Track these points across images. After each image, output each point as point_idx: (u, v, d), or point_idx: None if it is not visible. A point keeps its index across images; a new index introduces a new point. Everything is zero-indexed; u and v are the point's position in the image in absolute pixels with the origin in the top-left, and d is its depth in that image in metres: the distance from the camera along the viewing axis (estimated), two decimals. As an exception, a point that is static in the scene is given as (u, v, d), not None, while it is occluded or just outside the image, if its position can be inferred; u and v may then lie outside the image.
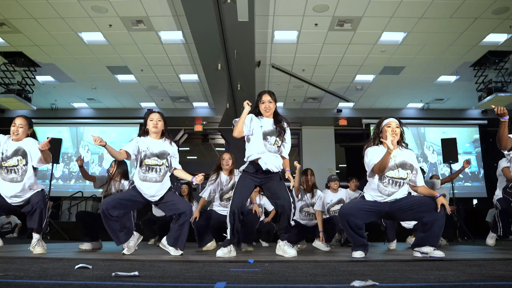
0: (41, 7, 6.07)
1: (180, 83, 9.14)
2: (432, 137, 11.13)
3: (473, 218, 9.32)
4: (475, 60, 7.92)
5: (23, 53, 7.71)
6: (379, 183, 2.81)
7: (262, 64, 8.00)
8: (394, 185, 2.77)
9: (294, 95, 9.88)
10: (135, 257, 2.94)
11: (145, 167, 3.04)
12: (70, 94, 9.97)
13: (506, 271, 1.91)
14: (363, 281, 1.41)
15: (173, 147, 3.19)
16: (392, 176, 2.78)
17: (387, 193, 2.80)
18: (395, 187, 2.77)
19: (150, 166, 3.04)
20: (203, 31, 5.98)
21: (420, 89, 9.54)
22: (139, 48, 7.47)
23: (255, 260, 2.61)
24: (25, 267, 1.94)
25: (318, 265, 2.30)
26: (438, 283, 1.52)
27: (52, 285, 1.37)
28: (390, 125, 2.84)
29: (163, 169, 3.08)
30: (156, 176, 3.04)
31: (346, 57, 7.77)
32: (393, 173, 2.78)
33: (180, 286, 1.41)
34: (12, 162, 3.13)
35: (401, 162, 2.80)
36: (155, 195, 3.06)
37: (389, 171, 2.78)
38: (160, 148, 3.10)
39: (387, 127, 2.83)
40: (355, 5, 6.03)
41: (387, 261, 2.70)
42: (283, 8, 6.12)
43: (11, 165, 3.12)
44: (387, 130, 2.82)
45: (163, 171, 3.08)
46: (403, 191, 2.84)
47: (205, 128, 11.55)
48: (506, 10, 6.09)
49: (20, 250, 3.52)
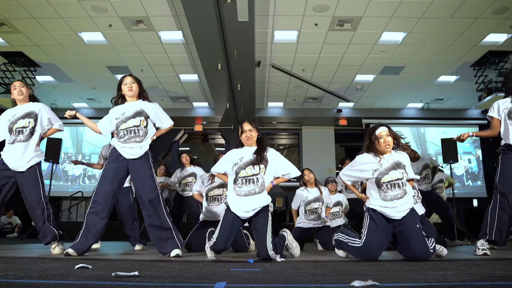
0: (41, 7, 6.07)
1: (180, 83, 9.14)
2: (432, 137, 11.13)
3: (473, 218, 9.31)
4: (475, 60, 7.92)
5: (23, 53, 7.71)
6: (379, 191, 2.75)
7: (262, 64, 7.99)
8: (394, 187, 2.72)
9: (294, 95, 9.88)
10: (135, 257, 2.94)
11: (122, 132, 2.95)
12: (70, 94, 9.97)
13: (506, 271, 1.91)
14: (363, 281, 1.41)
15: (151, 104, 3.08)
16: (389, 180, 2.73)
17: (390, 197, 2.72)
18: (395, 189, 2.72)
19: (128, 129, 2.95)
20: (203, 31, 5.98)
21: (420, 89, 9.54)
22: (139, 48, 7.47)
23: (255, 260, 2.61)
24: (25, 267, 1.94)
25: (318, 265, 2.30)
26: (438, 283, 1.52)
27: (52, 285, 1.37)
28: (381, 136, 2.77)
29: (141, 129, 2.97)
30: (133, 136, 2.94)
31: (346, 57, 7.77)
32: (389, 177, 2.73)
33: (180, 286, 1.41)
34: (23, 123, 3.14)
35: (394, 163, 2.75)
36: (134, 154, 2.95)
37: (384, 176, 2.73)
38: (135, 109, 3.00)
39: (379, 139, 2.78)
40: (355, 5, 6.03)
41: (387, 261, 2.70)
42: (283, 8, 6.12)
43: (20, 127, 3.13)
44: (380, 143, 2.76)
45: (142, 132, 2.97)
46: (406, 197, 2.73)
47: (205, 128, 11.55)
48: (506, 10, 6.09)
49: (20, 250, 3.52)
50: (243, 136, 2.88)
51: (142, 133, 2.98)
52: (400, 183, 2.74)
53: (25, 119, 3.16)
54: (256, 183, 2.77)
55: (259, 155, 2.80)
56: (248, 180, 2.77)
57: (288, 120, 11.41)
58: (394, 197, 2.72)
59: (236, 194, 2.77)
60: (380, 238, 2.69)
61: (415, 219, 2.78)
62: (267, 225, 2.73)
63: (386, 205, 2.73)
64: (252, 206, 2.73)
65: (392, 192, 2.73)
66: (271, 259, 2.61)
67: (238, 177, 2.78)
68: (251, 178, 2.77)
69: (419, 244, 2.64)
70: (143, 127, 2.99)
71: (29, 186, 3.11)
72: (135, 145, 2.95)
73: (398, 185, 2.73)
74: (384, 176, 2.74)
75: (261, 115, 10.86)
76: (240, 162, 2.82)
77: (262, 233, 2.69)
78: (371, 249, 2.64)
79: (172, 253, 2.86)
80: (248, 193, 2.75)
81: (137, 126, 2.97)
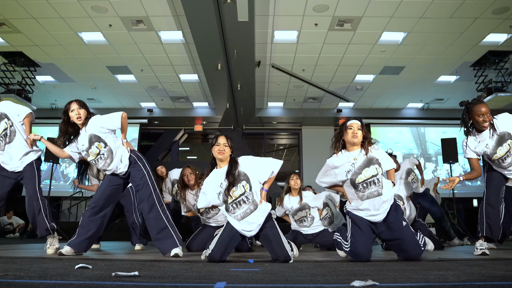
0: (41, 7, 6.07)
1: (180, 83, 9.14)
2: (432, 137, 11.13)
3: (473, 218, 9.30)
4: (475, 60, 7.93)
5: (23, 53, 7.71)
6: (356, 192, 2.69)
7: (262, 64, 8.00)
8: (370, 185, 2.65)
9: (294, 95, 9.88)
10: (135, 257, 2.94)
11: (93, 161, 2.93)
12: (70, 94, 9.95)
13: (506, 271, 1.91)
14: (363, 281, 1.41)
15: (93, 122, 2.93)
16: (364, 179, 2.65)
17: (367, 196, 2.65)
18: (371, 187, 2.65)
19: (96, 159, 2.92)
20: (203, 31, 5.98)
21: (420, 89, 9.54)
22: (139, 48, 7.47)
23: (255, 260, 2.61)
24: (25, 267, 1.94)
25: (318, 265, 2.30)
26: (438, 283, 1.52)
27: (52, 285, 1.37)
28: (352, 126, 2.71)
29: (105, 153, 2.90)
30: (103, 162, 2.92)
31: (346, 57, 7.77)
32: (363, 176, 2.66)
33: (180, 286, 1.41)
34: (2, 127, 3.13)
35: (366, 161, 2.68)
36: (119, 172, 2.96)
37: (358, 176, 2.65)
38: (86, 138, 2.91)
39: (348, 129, 2.72)
40: (355, 5, 6.03)
41: (387, 261, 2.70)
42: (283, 8, 6.12)
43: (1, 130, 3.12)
44: (348, 133, 2.71)
45: (107, 154, 2.91)
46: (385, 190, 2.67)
47: (205, 128, 11.55)
48: (506, 10, 6.09)
49: (20, 250, 3.52)
50: (215, 148, 2.66)
51: (108, 154, 2.91)
52: (375, 180, 2.65)
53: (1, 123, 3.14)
54: (248, 201, 2.61)
55: (231, 176, 2.62)
56: (239, 202, 2.61)
57: (288, 120, 11.41)
58: (371, 195, 2.65)
59: (234, 219, 2.64)
60: (365, 240, 2.66)
61: (399, 216, 2.73)
62: (277, 229, 2.65)
63: (364, 207, 2.67)
64: (254, 225, 2.62)
65: (368, 191, 2.65)
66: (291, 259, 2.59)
67: (229, 204, 2.63)
68: (240, 199, 2.61)
69: (410, 244, 2.64)
70: (105, 150, 2.91)
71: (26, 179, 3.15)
72: (112, 166, 2.93)
73: (374, 182, 2.65)
74: (358, 176, 2.66)
75: (261, 115, 10.86)
76: (222, 189, 2.65)
77: (277, 239, 2.60)
78: (358, 253, 2.63)
79: (171, 253, 2.86)
80: (245, 214, 2.61)
81: (99, 154, 2.91)
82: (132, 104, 10.70)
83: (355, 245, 2.65)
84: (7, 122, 3.14)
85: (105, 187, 2.99)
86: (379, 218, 2.68)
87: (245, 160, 2.71)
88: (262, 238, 2.67)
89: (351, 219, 2.76)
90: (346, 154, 2.74)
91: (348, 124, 2.76)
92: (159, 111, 10.95)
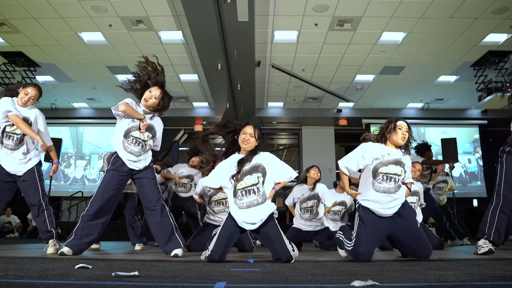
0: (41, 7, 6.07)
1: (180, 83, 9.14)
2: (432, 137, 11.13)
3: (473, 218, 9.31)
4: (475, 60, 7.92)
5: (23, 53, 7.70)
6: (373, 181, 2.73)
7: (262, 64, 7.99)
8: (389, 180, 2.71)
9: (294, 95, 9.88)
10: (135, 257, 2.94)
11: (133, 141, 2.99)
12: (70, 94, 9.97)
13: (506, 271, 1.91)
14: (363, 281, 1.41)
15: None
16: (386, 172, 2.71)
17: (383, 189, 2.71)
18: (390, 182, 2.71)
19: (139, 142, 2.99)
20: (203, 31, 5.98)
21: (420, 89, 9.54)
22: (139, 48, 7.47)
23: (255, 260, 2.61)
24: (25, 267, 1.94)
25: (318, 265, 2.30)
26: (438, 283, 1.52)
27: (52, 285, 1.37)
28: (401, 127, 2.79)
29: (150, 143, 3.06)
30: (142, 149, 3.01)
31: (346, 57, 7.77)
32: (387, 169, 2.72)
33: (180, 286, 1.41)
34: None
35: (395, 160, 2.75)
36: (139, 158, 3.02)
37: (383, 166, 2.72)
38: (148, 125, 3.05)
39: (398, 129, 2.79)
40: (355, 5, 6.03)
41: (387, 261, 2.70)
42: (283, 8, 6.11)
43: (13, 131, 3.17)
44: (398, 133, 2.77)
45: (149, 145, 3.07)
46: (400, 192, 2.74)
47: (205, 128, 11.54)
48: (506, 10, 6.09)
49: (20, 250, 3.52)
50: (241, 136, 2.71)
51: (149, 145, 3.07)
52: (396, 178, 2.72)
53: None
54: (258, 193, 2.62)
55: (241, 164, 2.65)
56: (248, 191, 2.62)
57: (288, 120, 11.41)
58: (387, 190, 2.70)
59: (238, 207, 2.62)
60: (369, 242, 2.69)
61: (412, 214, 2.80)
62: (278, 228, 2.65)
63: (377, 199, 2.71)
64: (257, 218, 2.60)
65: (385, 185, 2.71)
66: (292, 259, 2.59)
67: (238, 190, 2.63)
68: (251, 189, 2.62)
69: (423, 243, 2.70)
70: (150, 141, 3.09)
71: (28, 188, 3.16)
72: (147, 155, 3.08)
73: (394, 180, 2.72)
74: (383, 167, 2.72)
75: (261, 115, 10.86)
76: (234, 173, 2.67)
77: (279, 239, 2.60)
78: (360, 253, 2.65)
79: (172, 253, 2.86)
80: (251, 204, 2.60)
81: (145, 141, 3.05)
82: (132, 104, 10.69)
83: (358, 244, 2.66)
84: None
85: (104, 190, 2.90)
86: (389, 212, 2.71)
87: (268, 156, 2.76)
88: (264, 237, 2.67)
89: (359, 217, 2.78)
90: (381, 146, 2.82)
91: (398, 124, 2.81)
92: (159, 111, 10.93)
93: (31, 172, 3.18)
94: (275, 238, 2.60)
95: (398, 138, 2.77)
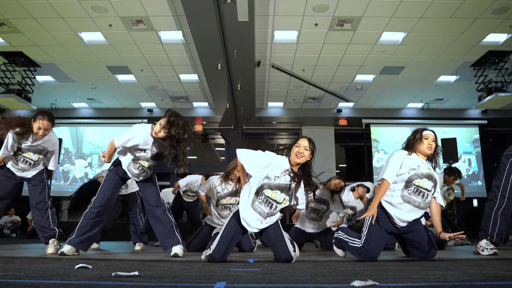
0: (41, 7, 6.07)
1: (180, 83, 9.14)
2: (432, 137, 11.12)
3: (473, 218, 9.32)
4: (475, 60, 7.92)
5: (23, 53, 7.71)
6: (403, 189, 2.71)
7: (262, 64, 8.00)
8: (418, 194, 2.70)
9: (294, 95, 9.88)
10: (135, 257, 2.94)
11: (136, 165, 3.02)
12: (70, 94, 9.97)
13: (506, 271, 1.91)
14: (363, 281, 1.41)
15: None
16: (419, 185, 2.70)
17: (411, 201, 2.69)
18: (418, 196, 2.70)
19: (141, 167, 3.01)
20: (203, 31, 5.98)
21: (420, 89, 9.54)
22: (139, 48, 7.47)
23: (255, 260, 2.61)
24: (25, 267, 1.94)
25: (318, 265, 2.30)
26: (438, 283, 1.52)
27: (52, 285, 1.37)
28: (428, 137, 2.79)
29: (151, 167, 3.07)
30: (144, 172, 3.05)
31: (346, 57, 7.77)
32: (421, 182, 2.70)
33: (180, 286, 1.41)
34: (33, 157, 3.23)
35: (429, 174, 2.75)
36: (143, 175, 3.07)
37: (417, 179, 2.71)
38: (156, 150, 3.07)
39: (424, 139, 2.79)
40: (355, 5, 6.03)
41: (387, 261, 2.70)
42: (283, 8, 6.12)
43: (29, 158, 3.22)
44: (424, 143, 2.77)
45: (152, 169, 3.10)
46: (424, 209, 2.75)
47: (205, 128, 11.55)
48: (506, 10, 6.09)
49: (20, 250, 3.52)
50: (294, 149, 2.62)
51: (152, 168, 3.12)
52: (426, 193, 2.72)
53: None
54: (273, 209, 2.56)
55: (295, 180, 2.57)
56: (269, 203, 2.55)
57: (288, 120, 11.41)
58: (413, 203, 2.71)
59: (251, 206, 2.56)
60: (379, 240, 2.70)
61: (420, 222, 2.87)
62: (280, 229, 2.64)
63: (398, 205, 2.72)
64: (262, 225, 2.58)
65: (414, 197, 2.71)
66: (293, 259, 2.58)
67: (263, 192, 2.55)
68: (272, 203, 2.55)
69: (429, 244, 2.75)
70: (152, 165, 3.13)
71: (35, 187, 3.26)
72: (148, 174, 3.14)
73: (423, 194, 2.71)
74: (418, 179, 2.71)
75: (261, 115, 10.86)
76: (272, 177, 2.56)
77: (280, 240, 2.59)
78: (370, 251, 2.64)
79: (172, 251, 2.89)
80: (262, 212, 2.55)
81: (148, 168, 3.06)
82: (132, 104, 10.71)
83: (368, 242, 2.66)
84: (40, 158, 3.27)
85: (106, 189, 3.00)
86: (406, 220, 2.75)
87: (302, 185, 2.66)
88: (266, 237, 2.67)
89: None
90: (415, 156, 2.82)
91: (424, 134, 2.82)
92: (159, 111, 10.94)
93: (40, 174, 3.30)
94: (276, 239, 2.61)
95: (424, 147, 2.78)
